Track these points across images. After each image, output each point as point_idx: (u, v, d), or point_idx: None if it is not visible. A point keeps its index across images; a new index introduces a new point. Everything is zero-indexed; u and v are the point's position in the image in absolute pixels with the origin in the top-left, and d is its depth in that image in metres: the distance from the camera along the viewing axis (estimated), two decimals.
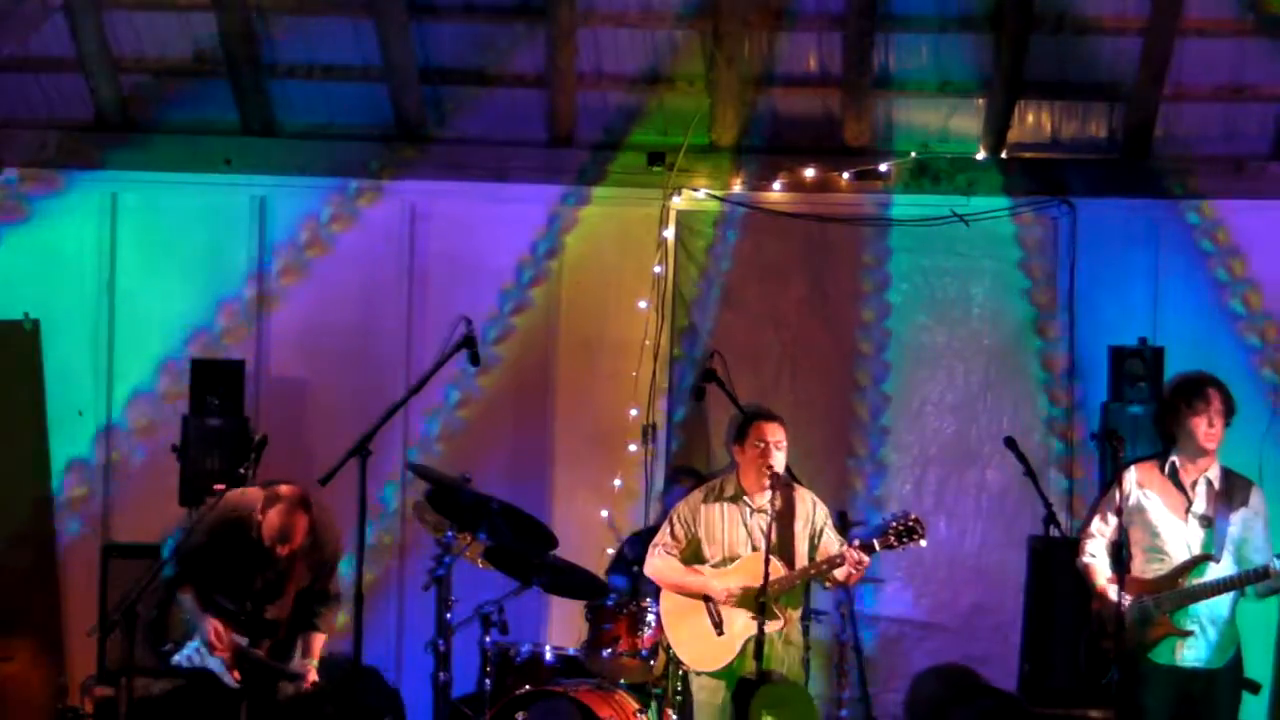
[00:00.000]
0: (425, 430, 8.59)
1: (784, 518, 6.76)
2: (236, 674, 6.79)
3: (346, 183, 8.75)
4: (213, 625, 6.75)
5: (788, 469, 6.86)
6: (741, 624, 6.64)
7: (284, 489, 6.84)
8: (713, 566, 6.80)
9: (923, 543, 6.55)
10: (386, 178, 8.73)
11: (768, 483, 6.68)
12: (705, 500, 6.89)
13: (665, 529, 6.94)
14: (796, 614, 6.83)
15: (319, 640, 6.97)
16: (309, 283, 8.79)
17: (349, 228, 8.80)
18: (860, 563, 6.56)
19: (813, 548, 6.78)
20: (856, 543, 6.65)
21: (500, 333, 8.28)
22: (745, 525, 6.80)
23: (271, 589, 6.88)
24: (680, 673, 7.00)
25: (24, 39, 8.51)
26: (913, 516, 6.54)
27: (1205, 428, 6.50)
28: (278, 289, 8.79)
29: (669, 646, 6.90)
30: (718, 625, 6.69)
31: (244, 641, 6.82)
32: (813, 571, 6.67)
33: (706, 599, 6.72)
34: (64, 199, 8.79)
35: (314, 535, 6.87)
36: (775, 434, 6.75)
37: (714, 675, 6.73)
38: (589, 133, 8.72)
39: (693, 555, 6.88)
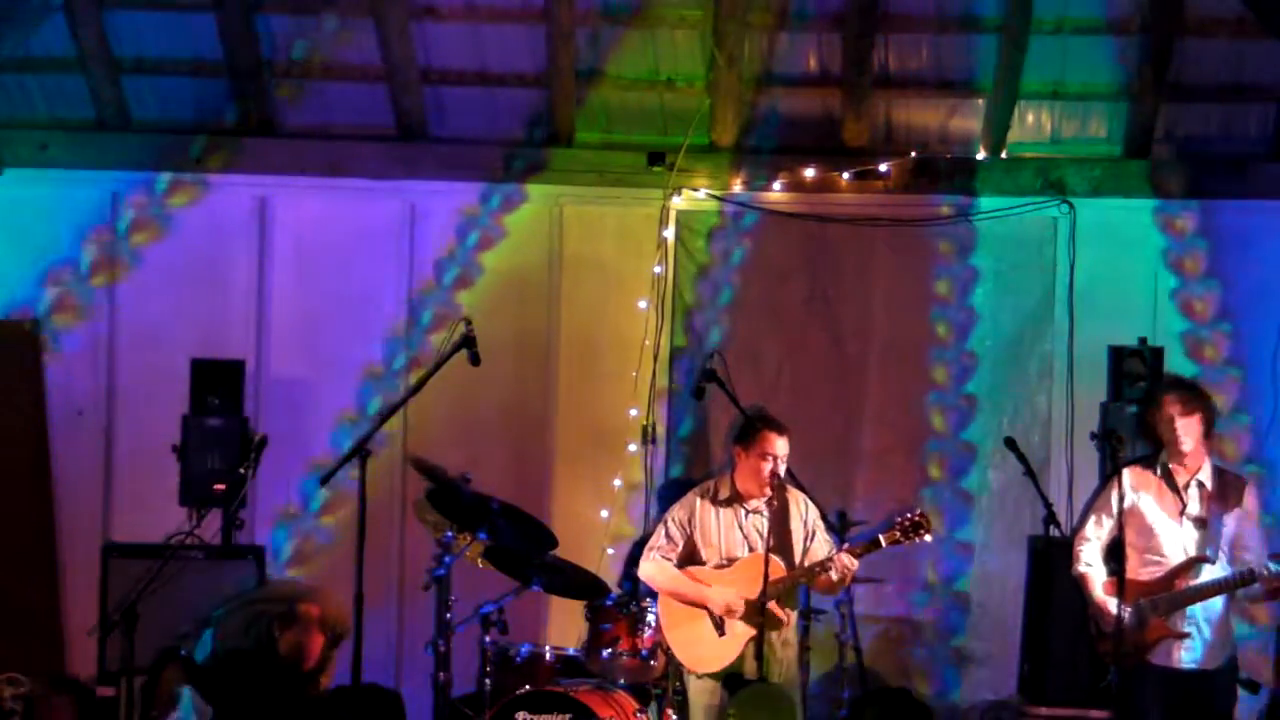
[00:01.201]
0: (425, 430, 8.58)
1: (780, 519, 6.77)
2: None
3: (346, 182, 8.75)
4: None
5: (788, 471, 6.88)
6: (743, 625, 6.65)
7: (303, 609, 6.78)
8: (713, 568, 6.80)
9: (929, 537, 6.56)
10: (386, 177, 8.73)
11: (770, 490, 6.70)
12: (700, 504, 6.89)
13: (660, 531, 6.96)
14: (794, 615, 6.83)
15: None
16: (309, 282, 8.79)
17: (349, 227, 8.80)
18: (847, 567, 6.56)
19: (805, 550, 6.79)
20: (856, 543, 6.66)
21: (500, 332, 8.26)
22: (741, 528, 6.81)
23: None
24: (677, 670, 7.00)
25: (24, 39, 8.51)
26: (919, 511, 6.56)
27: (1174, 431, 6.51)
28: (278, 288, 8.79)
29: (669, 648, 6.91)
30: (719, 626, 6.70)
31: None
32: (803, 577, 6.67)
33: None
34: (64, 199, 8.80)
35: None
36: (783, 448, 6.77)
37: (713, 677, 6.74)
38: (589, 132, 8.73)
39: (688, 557, 6.89)
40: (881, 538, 6.59)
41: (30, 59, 8.60)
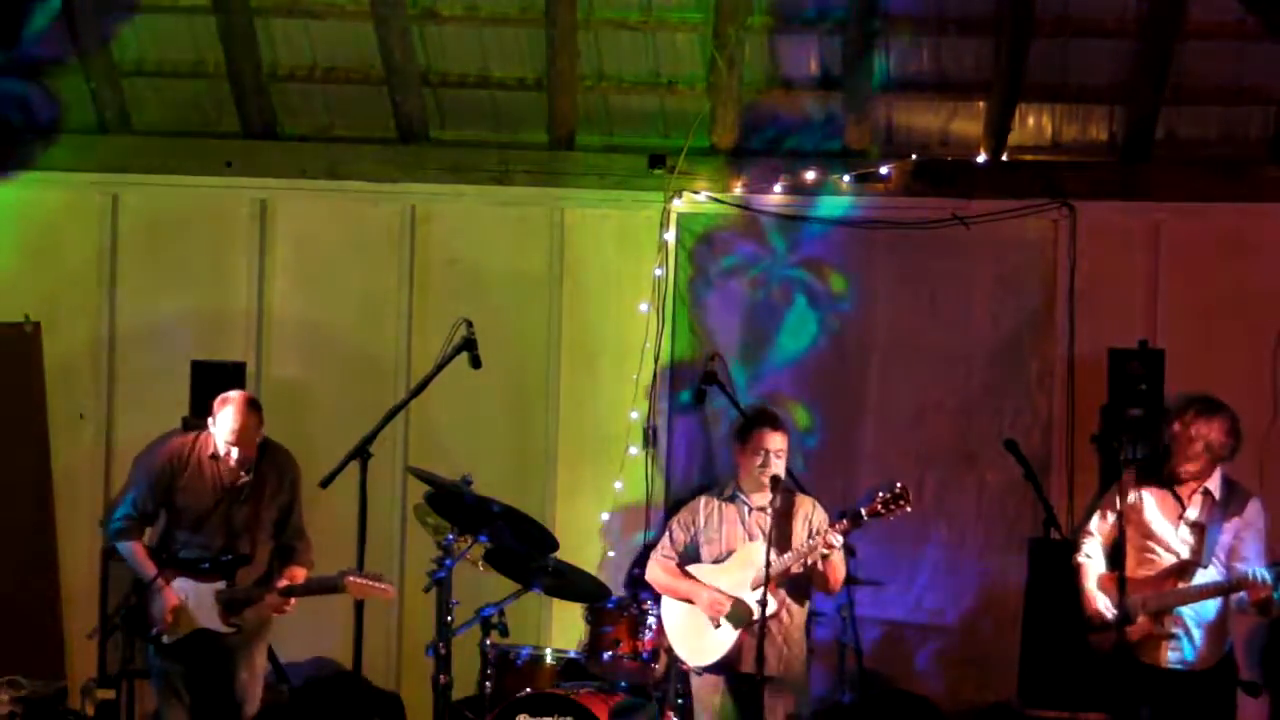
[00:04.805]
0: (426, 432, 8.58)
1: (783, 516, 6.82)
2: (228, 619, 6.86)
3: (347, 185, 8.76)
4: (169, 605, 6.78)
5: (788, 473, 6.89)
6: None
7: (229, 393, 6.96)
8: (712, 563, 6.84)
9: (908, 509, 6.60)
10: (387, 180, 8.74)
11: (767, 484, 6.73)
12: (705, 502, 6.95)
13: (665, 535, 7.06)
14: (801, 611, 6.86)
15: (300, 573, 6.98)
16: (310, 285, 8.80)
17: (349, 230, 8.81)
18: (830, 544, 6.60)
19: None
20: (840, 520, 6.71)
21: (501, 335, 8.26)
22: (743, 523, 6.86)
23: (238, 516, 6.88)
24: (679, 671, 7.03)
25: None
26: (899, 485, 6.59)
27: (1195, 451, 6.55)
28: (279, 291, 8.80)
29: (670, 647, 6.94)
30: (714, 619, 6.74)
31: (221, 585, 6.83)
32: (794, 565, 6.68)
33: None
34: (65, 201, 8.80)
35: (268, 447, 6.95)
36: (776, 442, 6.81)
37: (712, 670, 6.77)
38: (589, 135, 8.73)
39: (692, 557, 6.93)
40: (863, 510, 6.64)
41: (32, 62, 8.61)
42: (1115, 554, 6.57)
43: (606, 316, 8.67)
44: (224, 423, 6.89)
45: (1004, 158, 8.60)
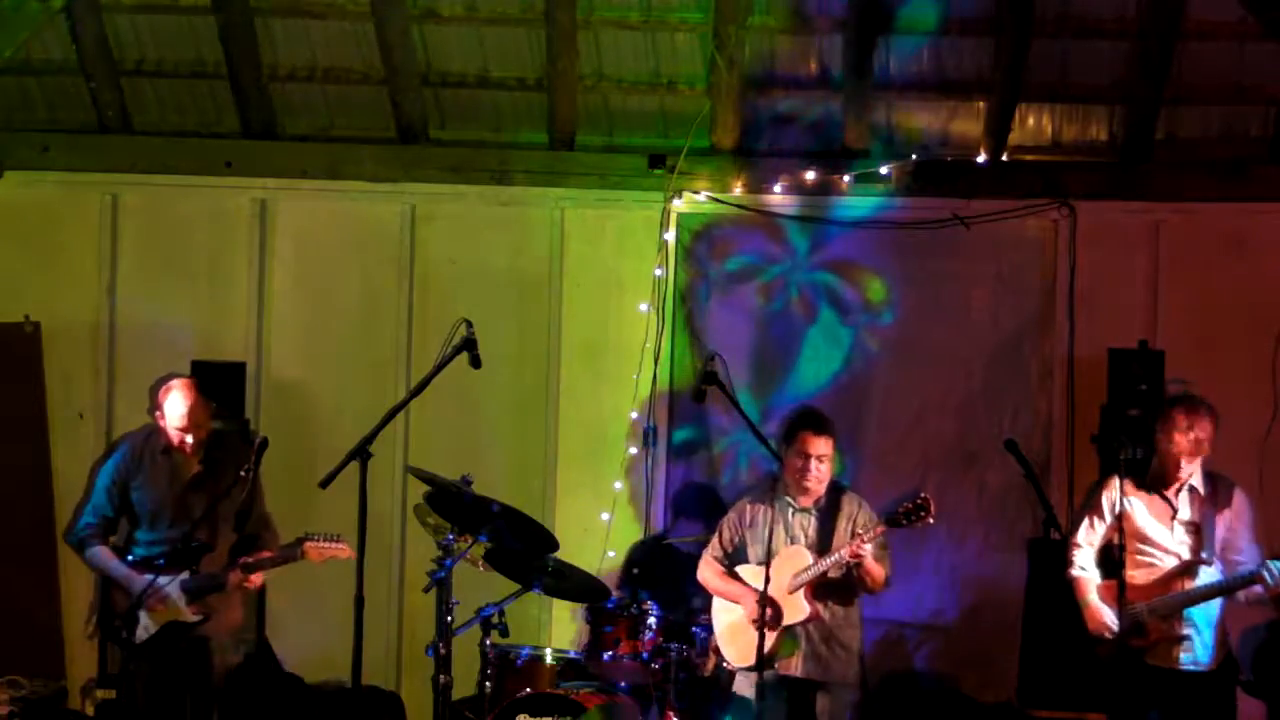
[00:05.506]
0: (426, 433, 8.58)
1: (827, 516, 6.91)
2: (194, 608, 6.89)
3: (347, 185, 8.76)
4: (153, 591, 6.80)
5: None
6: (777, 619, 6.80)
7: (169, 380, 7.03)
8: (757, 565, 6.89)
9: (930, 520, 6.63)
10: (387, 180, 8.74)
11: (809, 488, 6.87)
12: (751, 502, 7.07)
13: (715, 536, 7.18)
14: (846, 611, 6.92)
15: (264, 555, 7.04)
16: (310, 285, 8.80)
17: (349, 230, 8.81)
18: (857, 553, 6.66)
19: None
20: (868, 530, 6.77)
21: (501, 335, 8.27)
22: (786, 524, 6.89)
23: (195, 506, 6.91)
24: (726, 673, 7.09)
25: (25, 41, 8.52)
26: (921, 495, 6.65)
27: (1177, 447, 6.55)
28: (278, 291, 8.80)
29: (717, 646, 7.06)
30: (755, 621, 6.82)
31: (185, 575, 6.84)
32: (828, 569, 6.73)
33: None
34: (65, 202, 8.81)
35: (222, 436, 7.01)
36: (820, 447, 6.89)
37: (751, 669, 6.82)
38: (590, 135, 8.73)
39: (741, 557, 7.00)
40: (884, 521, 6.68)
41: (32, 61, 8.63)
42: (1108, 561, 6.57)
43: (606, 316, 8.67)
44: (173, 408, 6.93)
45: (1004, 158, 8.60)
